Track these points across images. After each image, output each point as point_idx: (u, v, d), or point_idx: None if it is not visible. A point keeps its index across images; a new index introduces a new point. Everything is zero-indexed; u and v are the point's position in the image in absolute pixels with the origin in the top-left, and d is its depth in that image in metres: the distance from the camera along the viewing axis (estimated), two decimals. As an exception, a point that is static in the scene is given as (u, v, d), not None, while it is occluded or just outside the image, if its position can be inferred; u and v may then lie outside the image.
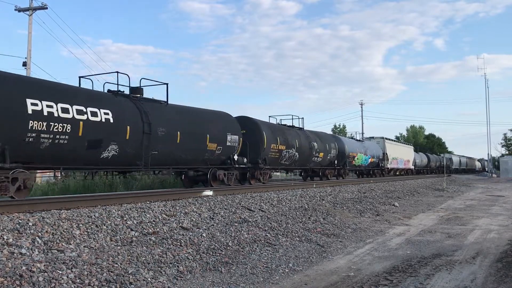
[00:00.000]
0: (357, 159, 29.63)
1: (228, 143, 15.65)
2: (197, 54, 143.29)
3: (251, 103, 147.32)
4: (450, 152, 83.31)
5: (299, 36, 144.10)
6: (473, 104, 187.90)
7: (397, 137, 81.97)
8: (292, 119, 22.80)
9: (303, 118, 23.19)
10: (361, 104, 67.01)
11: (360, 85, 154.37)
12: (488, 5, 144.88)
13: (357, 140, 32.55)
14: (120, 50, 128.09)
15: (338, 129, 72.67)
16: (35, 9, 27.59)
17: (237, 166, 16.28)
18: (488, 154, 67.75)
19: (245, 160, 16.76)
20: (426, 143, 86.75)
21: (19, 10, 27.61)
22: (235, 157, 16.19)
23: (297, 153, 21.02)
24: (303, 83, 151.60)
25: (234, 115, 18.31)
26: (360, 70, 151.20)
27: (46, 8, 27.62)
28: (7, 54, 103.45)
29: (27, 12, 27.47)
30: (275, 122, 21.66)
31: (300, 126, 23.00)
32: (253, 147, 17.34)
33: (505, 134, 75.10)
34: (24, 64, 26.86)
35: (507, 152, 72.96)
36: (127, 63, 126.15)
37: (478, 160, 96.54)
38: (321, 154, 23.71)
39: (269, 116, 21.37)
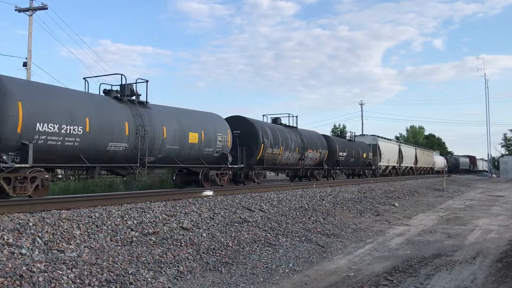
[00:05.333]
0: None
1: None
2: (196, 54, 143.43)
3: (251, 103, 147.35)
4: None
5: (298, 37, 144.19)
6: (473, 104, 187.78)
7: (397, 137, 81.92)
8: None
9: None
10: (361, 104, 67.08)
11: (359, 86, 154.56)
12: (486, 6, 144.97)
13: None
14: (119, 51, 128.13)
15: (338, 129, 72.67)
16: (35, 9, 27.56)
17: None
18: (488, 154, 67.82)
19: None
20: (426, 143, 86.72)
21: (19, 10, 27.57)
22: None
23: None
24: (302, 83, 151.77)
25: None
26: (359, 70, 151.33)
27: (46, 8, 27.58)
28: (7, 54, 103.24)
29: (27, 12, 27.45)
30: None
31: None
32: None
33: (505, 134, 75.11)
34: (25, 64, 26.82)
35: (507, 152, 72.92)
36: (126, 63, 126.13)
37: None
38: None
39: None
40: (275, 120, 21.88)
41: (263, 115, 21.03)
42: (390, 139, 42.55)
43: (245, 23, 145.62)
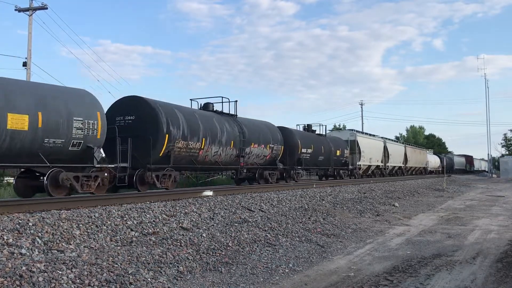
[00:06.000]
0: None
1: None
2: (195, 54, 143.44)
3: (251, 104, 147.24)
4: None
5: (298, 37, 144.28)
6: (473, 104, 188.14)
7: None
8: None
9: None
10: (361, 104, 67.08)
11: (359, 86, 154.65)
12: (486, 6, 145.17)
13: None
14: (119, 51, 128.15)
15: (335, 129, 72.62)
16: (35, 9, 27.58)
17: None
18: (488, 154, 67.84)
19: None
20: (426, 143, 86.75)
21: (19, 10, 27.60)
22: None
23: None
24: (302, 83, 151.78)
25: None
26: (359, 70, 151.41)
27: (46, 8, 27.62)
28: (7, 54, 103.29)
29: (27, 12, 27.46)
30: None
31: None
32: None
33: (505, 134, 75.11)
34: (24, 64, 26.84)
35: (507, 152, 72.89)
36: (126, 63, 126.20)
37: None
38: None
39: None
40: (206, 106, 17.27)
41: (191, 100, 16.88)
42: (374, 135, 37.28)
43: (245, 23, 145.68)
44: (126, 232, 7.66)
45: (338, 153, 27.18)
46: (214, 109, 17.38)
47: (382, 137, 38.69)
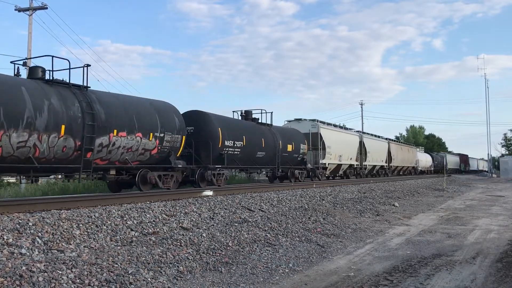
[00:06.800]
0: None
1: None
2: (195, 54, 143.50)
3: (251, 104, 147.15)
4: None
5: (298, 37, 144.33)
6: (473, 104, 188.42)
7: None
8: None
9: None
10: (361, 104, 66.99)
11: (359, 86, 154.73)
12: (486, 6, 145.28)
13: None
14: (118, 51, 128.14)
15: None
16: (35, 9, 27.57)
17: None
18: (488, 154, 67.76)
19: None
20: (426, 143, 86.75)
21: (19, 10, 27.59)
22: None
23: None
24: (302, 83, 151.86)
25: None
26: (358, 70, 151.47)
27: (46, 8, 27.60)
28: (7, 54, 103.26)
29: (27, 12, 27.45)
30: None
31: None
32: None
33: (505, 134, 75.19)
34: (24, 64, 26.83)
35: (507, 152, 72.91)
36: (126, 63, 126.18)
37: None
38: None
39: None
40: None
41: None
42: (347, 128, 31.98)
43: (245, 23, 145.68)
44: (126, 232, 7.66)
45: (289, 148, 20.99)
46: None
47: (358, 131, 33.57)
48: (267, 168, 20.39)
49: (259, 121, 20.41)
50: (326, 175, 25.92)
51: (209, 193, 13.34)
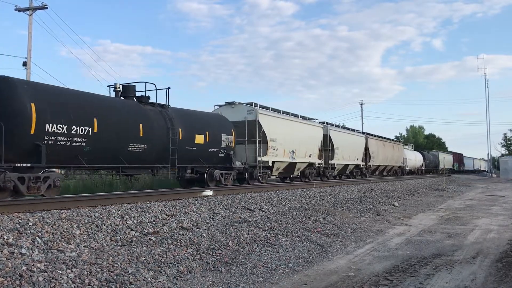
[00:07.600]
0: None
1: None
2: (195, 54, 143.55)
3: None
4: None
5: (298, 37, 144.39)
6: (473, 104, 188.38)
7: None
8: None
9: None
10: (361, 104, 66.91)
11: (359, 86, 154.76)
12: (486, 6, 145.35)
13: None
14: (118, 50, 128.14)
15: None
16: (35, 9, 27.59)
17: None
18: (488, 154, 67.73)
19: None
20: (426, 143, 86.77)
21: (19, 10, 27.61)
22: None
23: None
24: (302, 83, 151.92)
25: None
26: (358, 70, 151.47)
27: (46, 8, 27.62)
28: (7, 54, 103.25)
29: (27, 12, 27.47)
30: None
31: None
32: None
33: (505, 134, 75.24)
34: (24, 64, 26.85)
35: (507, 152, 72.94)
36: (126, 63, 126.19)
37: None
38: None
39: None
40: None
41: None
42: (306, 118, 24.13)
43: (245, 23, 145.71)
44: (126, 231, 7.66)
45: (199, 140, 15.07)
46: None
47: (321, 122, 26.37)
48: (155, 168, 13.79)
49: (151, 101, 14.13)
50: (269, 175, 19.79)
51: (209, 193, 13.34)
